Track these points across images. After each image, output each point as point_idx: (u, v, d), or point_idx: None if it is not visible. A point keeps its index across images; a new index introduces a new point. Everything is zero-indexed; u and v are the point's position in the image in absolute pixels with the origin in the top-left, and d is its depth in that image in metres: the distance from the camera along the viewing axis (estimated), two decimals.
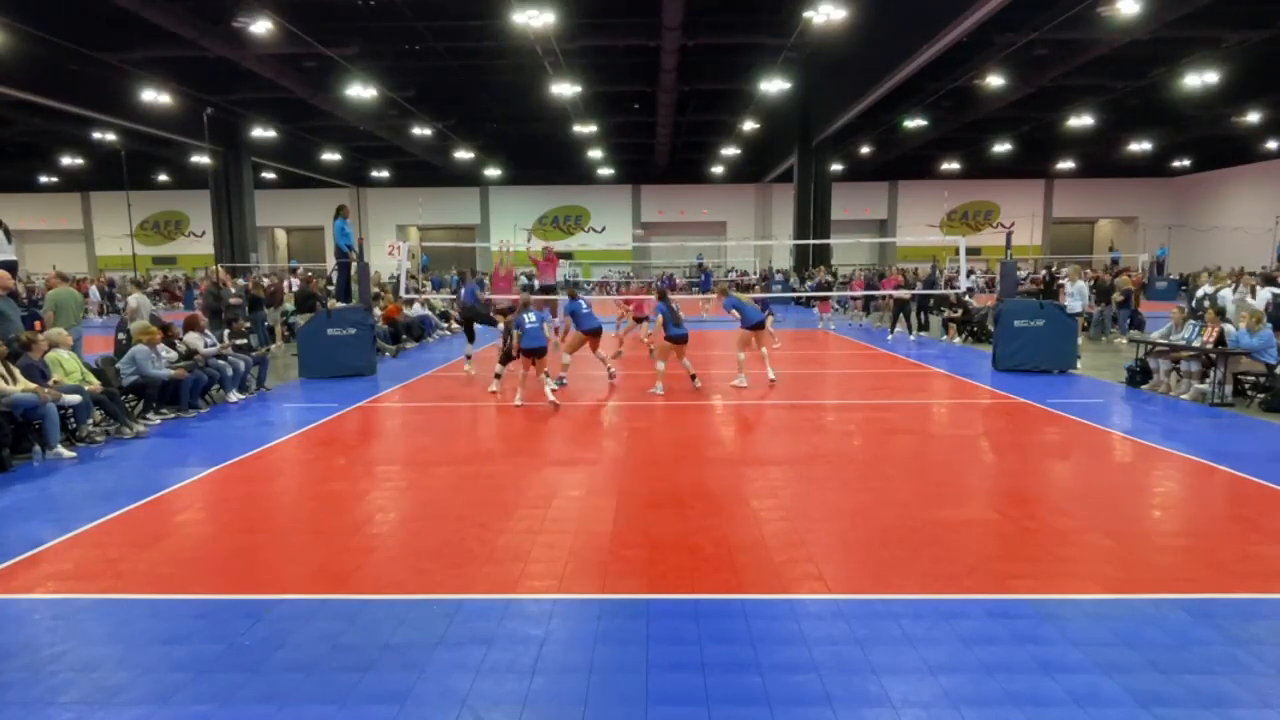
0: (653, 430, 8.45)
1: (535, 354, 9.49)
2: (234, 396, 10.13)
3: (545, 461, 7.24)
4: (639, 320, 14.78)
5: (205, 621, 4.04)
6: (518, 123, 30.60)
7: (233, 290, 15.87)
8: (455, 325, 20.75)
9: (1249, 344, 9.16)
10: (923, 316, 17.79)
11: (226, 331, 11.57)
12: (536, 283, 14.01)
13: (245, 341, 11.85)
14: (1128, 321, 16.55)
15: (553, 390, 9.65)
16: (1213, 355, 9.52)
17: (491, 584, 4.45)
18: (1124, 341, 15.62)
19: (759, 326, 10.94)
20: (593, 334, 10.63)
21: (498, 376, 10.57)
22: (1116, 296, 16.62)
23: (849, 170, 37.73)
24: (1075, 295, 13.98)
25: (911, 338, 16.99)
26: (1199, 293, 14.12)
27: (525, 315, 9.57)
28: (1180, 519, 5.76)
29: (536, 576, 4.54)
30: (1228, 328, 9.81)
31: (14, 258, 10.04)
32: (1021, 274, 21.03)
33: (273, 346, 15.33)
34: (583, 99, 24.76)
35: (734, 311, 10.77)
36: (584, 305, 10.82)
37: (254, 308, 15.44)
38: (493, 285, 15.74)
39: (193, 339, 10.19)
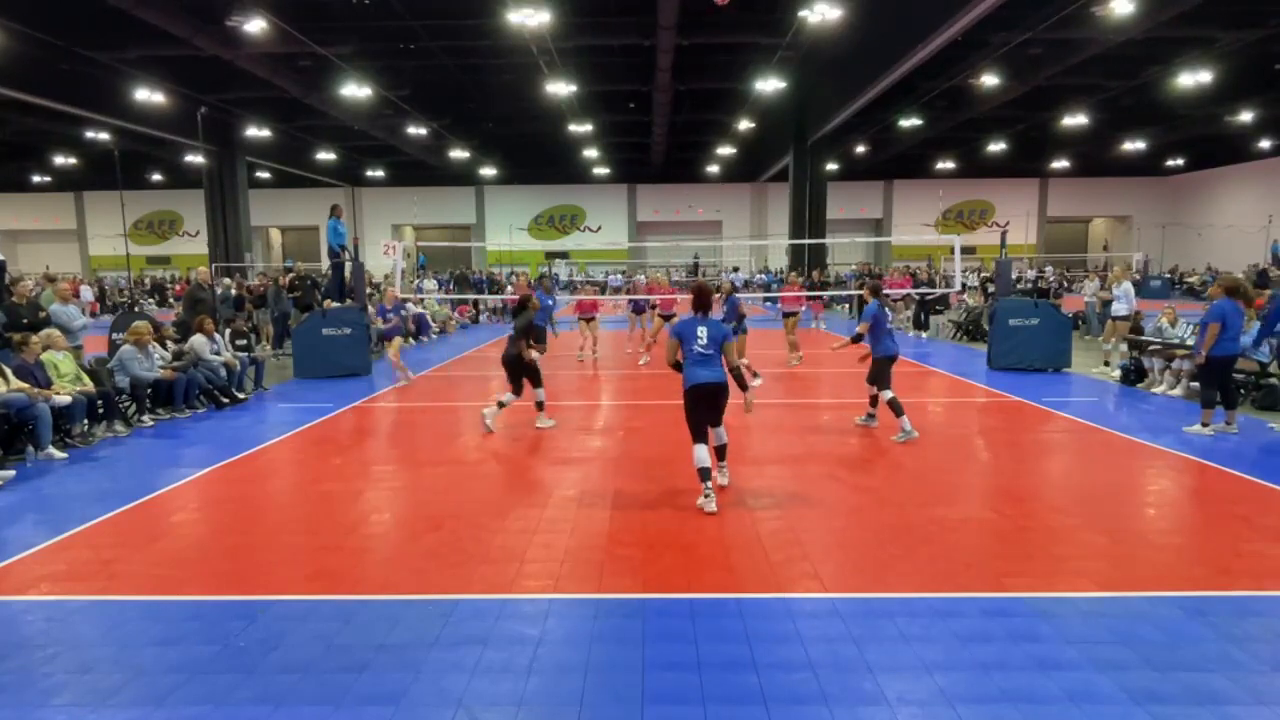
0: (648, 429, 8.45)
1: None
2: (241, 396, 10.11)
3: (541, 461, 7.23)
4: (666, 318, 14.68)
5: (200, 623, 4.03)
6: (513, 122, 30.50)
7: (218, 291, 15.71)
8: (454, 323, 20.74)
9: (1242, 343, 9.17)
10: (922, 316, 17.91)
11: (229, 332, 11.50)
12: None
13: (245, 342, 11.80)
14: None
15: None
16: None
17: (487, 584, 4.44)
18: (1102, 339, 15.65)
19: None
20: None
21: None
22: (1104, 294, 16.70)
23: (844, 169, 37.74)
24: (1122, 297, 12.41)
25: (910, 335, 17.26)
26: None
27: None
28: (1174, 517, 5.78)
29: (532, 576, 4.53)
30: None
31: (1, 257, 9.99)
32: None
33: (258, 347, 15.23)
34: (578, 98, 24.73)
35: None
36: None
37: (238, 307, 15.36)
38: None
39: (199, 343, 9.87)
